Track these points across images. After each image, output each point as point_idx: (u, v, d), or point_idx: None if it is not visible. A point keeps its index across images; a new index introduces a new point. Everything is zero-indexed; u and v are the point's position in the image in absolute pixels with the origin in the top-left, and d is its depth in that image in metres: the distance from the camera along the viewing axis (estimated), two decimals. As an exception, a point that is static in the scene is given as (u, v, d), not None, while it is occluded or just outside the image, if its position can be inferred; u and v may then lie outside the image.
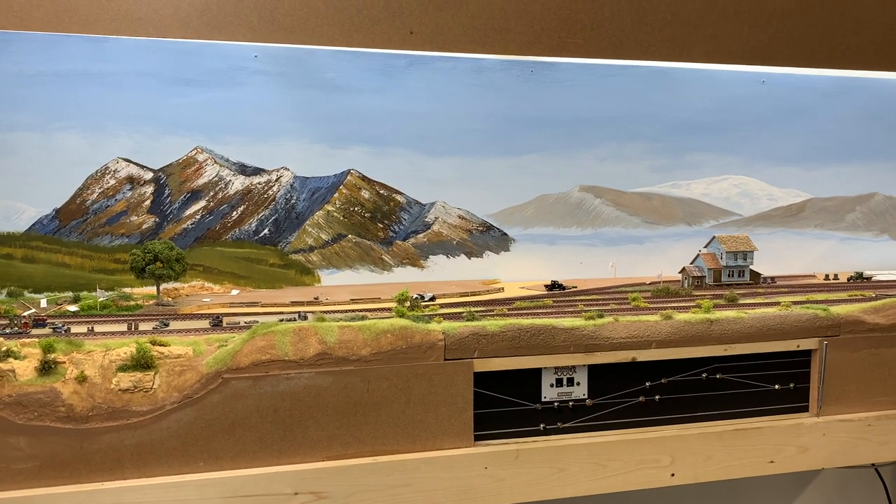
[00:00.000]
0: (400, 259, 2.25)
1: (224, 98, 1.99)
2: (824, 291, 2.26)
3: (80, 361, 1.46)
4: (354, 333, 1.56)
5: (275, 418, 1.49)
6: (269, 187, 2.13)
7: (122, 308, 1.89)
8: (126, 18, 1.74)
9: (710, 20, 2.11)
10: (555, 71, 2.22)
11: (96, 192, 1.98)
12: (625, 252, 2.43)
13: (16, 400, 1.38)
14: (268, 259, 2.14)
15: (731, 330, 1.78)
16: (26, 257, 1.92)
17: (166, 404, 1.45)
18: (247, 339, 1.52)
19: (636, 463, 1.72)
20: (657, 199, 2.45)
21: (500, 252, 2.34)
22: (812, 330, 1.84)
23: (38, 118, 1.88)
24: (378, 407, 1.55)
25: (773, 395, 1.84)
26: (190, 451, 1.45)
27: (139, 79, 1.93)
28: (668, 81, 2.35)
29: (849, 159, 2.59)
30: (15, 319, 1.71)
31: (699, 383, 1.79)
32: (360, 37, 1.87)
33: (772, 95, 2.45)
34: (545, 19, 1.98)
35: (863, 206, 2.65)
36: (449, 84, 2.16)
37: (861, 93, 2.54)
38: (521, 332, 1.65)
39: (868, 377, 1.88)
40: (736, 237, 2.40)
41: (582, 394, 1.71)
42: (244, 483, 1.47)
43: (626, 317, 1.77)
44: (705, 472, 1.77)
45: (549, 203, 2.36)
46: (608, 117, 2.32)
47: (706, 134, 2.43)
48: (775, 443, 1.81)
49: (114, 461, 1.42)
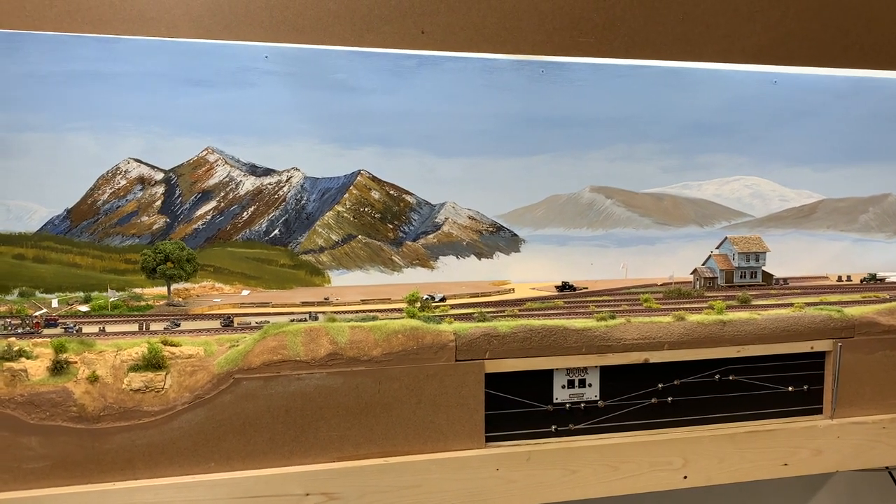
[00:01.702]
0: (410, 260, 2.24)
1: (235, 98, 1.99)
2: (837, 293, 2.24)
3: (92, 361, 1.46)
4: (365, 334, 1.55)
5: (286, 419, 1.49)
6: (280, 188, 2.13)
7: (133, 308, 1.90)
8: (138, 19, 1.74)
9: (722, 20, 2.10)
10: (566, 71, 2.21)
11: (107, 193, 1.99)
12: (636, 253, 2.41)
13: (28, 399, 1.38)
14: (278, 259, 2.14)
15: (744, 331, 1.77)
16: (38, 257, 1.93)
17: (178, 404, 1.45)
18: (258, 340, 1.52)
19: (648, 465, 1.71)
20: (668, 200, 2.44)
21: (511, 253, 2.33)
22: (826, 331, 1.82)
23: (49, 119, 1.88)
24: (389, 408, 1.54)
25: (787, 397, 1.83)
26: (201, 452, 1.45)
27: (150, 79, 1.93)
28: (679, 82, 2.33)
29: (862, 160, 2.57)
30: (27, 319, 1.72)
31: (712, 385, 1.77)
32: (372, 37, 1.86)
33: (784, 96, 2.43)
34: (556, 19, 1.97)
35: (876, 208, 2.63)
36: (460, 84, 2.15)
37: (874, 93, 2.52)
38: (533, 332, 1.64)
39: (883, 379, 1.87)
40: (748, 238, 2.38)
41: (594, 395, 1.70)
42: (255, 483, 1.47)
43: (638, 318, 1.76)
44: (718, 474, 1.76)
45: (559, 204, 2.35)
46: (619, 117, 2.31)
47: (718, 134, 2.42)
48: (789, 445, 1.80)
49: (125, 461, 1.42)
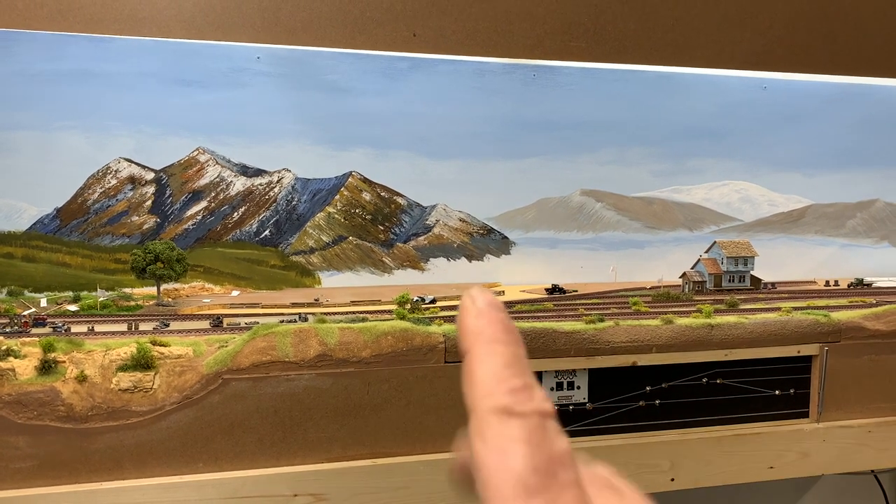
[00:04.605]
0: (400, 261, 2.25)
1: (226, 99, 1.99)
2: (825, 297, 2.26)
3: (80, 361, 1.45)
4: (355, 335, 1.56)
5: (275, 419, 1.49)
6: (271, 188, 2.13)
7: (123, 308, 1.89)
8: (129, 19, 1.74)
9: (712, 25, 2.11)
10: (557, 75, 2.22)
11: (97, 192, 1.98)
12: (626, 256, 2.42)
13: (15, 399, 1.38)
14: (268, 260, 2.14)
15: (731, 335, 1.78)
16: (27, 256, 1.92)
17: (166, 404, 1.45)
18: (247, 340, 1.52)
19: (636, 467, 1.72)
20: (658, 204, 2.45)
21: (501, 255, 2.34)
22: (813, 335, 1.84)
23: (39, 117, 1.88)
24: (378, 409, 1.55)
25: (774, 401, 1.84)
26: (189, 452, 1.45)
27: (141, 79, 1.93)
28: (670, 86, 2.35)
29: (850, 166, 2.59)
30: (15, 318, 1.71)
31: (700, 388, 1.78)
32: (364, 39, 1.87)
33: (773, 101, 2.45)
34: (548, 23, 1.98)
35: (864, 213, 2.65)
36: (451, 87, 2.15)
37: (863, 99, 2.54)
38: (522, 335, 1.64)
39: (868, 383, 1.88)
40: (737, 242, 2.40)
41: (582, 398, 1.71)
42: (244, 484, 1.47)
43: (627, 321, 1.77)
44: (705, 477, 1.77)
45: (550, 207, 2.35)
46: (610, 121, 2.32)
47: (708, 139, 2.43)
48: (775, 448, 1.81)
49: (113, 461, 1.42)
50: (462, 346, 0.45)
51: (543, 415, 0.42)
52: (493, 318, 0.46)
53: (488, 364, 0.44)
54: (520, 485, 0.39)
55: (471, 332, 0.45)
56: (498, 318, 0.46)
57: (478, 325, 0.45)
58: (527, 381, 0.44)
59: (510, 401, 0.42)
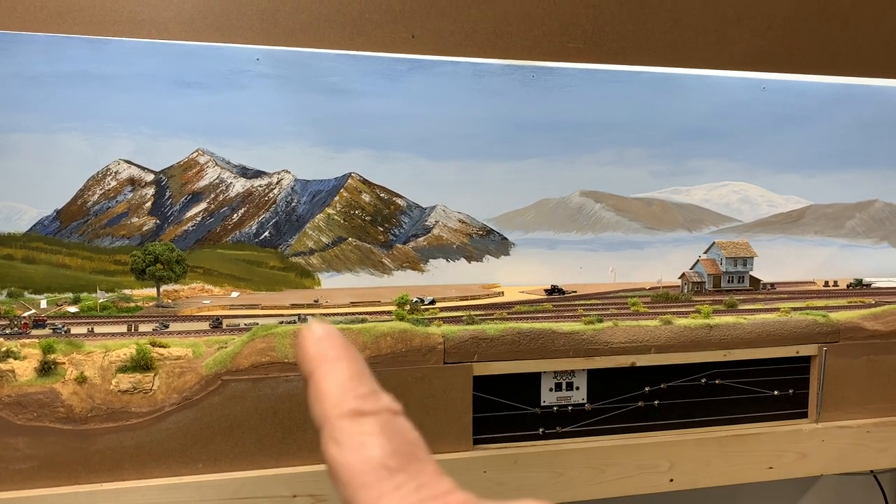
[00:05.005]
0: (400, 262, 2.25)
1: (226, 101, 1.99)
2: (824, 298, 2.26)
3: (80, 362, 1.46)
4: (354, 336, 1.56)
5: (274, 420, 1.49)
6: (270, 190, 2.13)
7: (122, 309, 1.89)
8: (129, 21, 1.75)
9: (711, 26, 2.12)
10: (556, 76, 2.22)
11: (97, 194, 1.98)
12: (625, 257, 2.43)
13: (15, 400, 1.38)
14: (268, 262, 2.14)
15: (730, 335, 1.78)
16: (27, 258, 1.92)
17: (166, 406, 1.45)
18: (246, 341, 1.52)
19: (635, 468, 1.72)
20: (657, 205, 2.45)
21: (500, 256, 2.34)
22: (811, 336, 1.84)
23: (39, 119, 1.88)
24: (377, 410, 1.55)
25: (773, 401, 1.84)
26: (189, 453, 1.46)
27: (141, 81, 1.93)
28: (669, 87, 2.35)
29: (849, 166, 2.59)
30: (15, 320, 1.71)
31: (698, 388, 1.79)
32: (362, 40, 1.87)
33: (773, 102, 2.45)
34: (546, 24, 1.99)
35: (863, 213, 2.65)
36: (450, 88, 2.16)
37: (862, 100, 2.54)
38: (521, 335, 1.65)
39: (867, 384, 1.89)
40: (736, 243, 2.40)
41: (581, 398, 1.71)
42: (243, 485, 1.47)
43: (626, 322, 1.77)
44: (704, 477, 1.77)
45: (549, 208, 2.36)
46: (609, 122, 2.32)
47: (707, 140, 2.43)
48: (774, 449, 1.81)
49: (113, 462, 1.42)
50: (305, 369, 0.47)
51: (393, 412, 0.44)
52: (332, 342, 0.47)
53: (334, 378, 0.46)
54: (382, 468, 0.41)
55: (312, 355, 0.47)
56: (338, 341, 0.47)
57: (319, 349, 0.47)
58: (373, 388, 0.46)
59: (360, 403, 0.43)
